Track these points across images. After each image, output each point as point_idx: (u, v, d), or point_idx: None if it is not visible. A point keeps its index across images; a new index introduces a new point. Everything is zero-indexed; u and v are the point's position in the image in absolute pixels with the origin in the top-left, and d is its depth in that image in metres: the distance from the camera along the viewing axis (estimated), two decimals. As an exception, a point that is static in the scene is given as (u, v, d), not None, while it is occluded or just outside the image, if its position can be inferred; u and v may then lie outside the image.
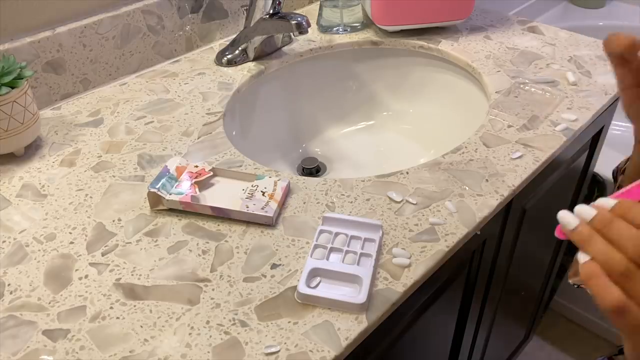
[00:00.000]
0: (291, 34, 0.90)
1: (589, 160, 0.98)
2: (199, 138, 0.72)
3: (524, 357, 1.39)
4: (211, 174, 0.63)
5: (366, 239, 0.55)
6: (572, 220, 0.36)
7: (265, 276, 0.53)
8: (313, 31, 0.97)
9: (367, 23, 0.99)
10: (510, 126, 0.72)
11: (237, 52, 0.88)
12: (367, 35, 0.96)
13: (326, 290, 0.51)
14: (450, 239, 0.56)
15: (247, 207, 0.58)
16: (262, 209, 0.58)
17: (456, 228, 0.57)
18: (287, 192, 0.62)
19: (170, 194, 0.59)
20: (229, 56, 0.88)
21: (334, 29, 0.97)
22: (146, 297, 0.51)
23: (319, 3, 1.00)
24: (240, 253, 0.55)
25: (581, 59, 0.87)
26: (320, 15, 0.98)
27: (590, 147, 0.95)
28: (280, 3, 0.82)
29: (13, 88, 0.64)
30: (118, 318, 0.49)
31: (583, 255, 0.36)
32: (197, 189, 0.60)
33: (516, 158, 0.67)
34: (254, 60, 0.89)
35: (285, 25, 0.80)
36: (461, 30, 0.96)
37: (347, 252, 0.54)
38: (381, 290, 0.51)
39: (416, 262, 0.54)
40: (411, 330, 0.64)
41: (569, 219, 0.37)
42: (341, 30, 0.97)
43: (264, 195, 0.60)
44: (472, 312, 0.82)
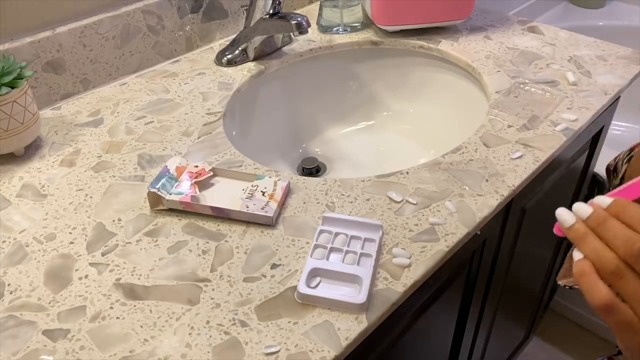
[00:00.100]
0: (291, 34, 0.90)
1: (589, 160, 0.98)
2: (199, 138, 0.72)
3: (524, 357, 1.39)
4: (211, 174, 0.63)
5: (366, 239, 0.55)
6: (569, 218, 0.38)
7: (265, 276, 0.53)
8: (313, 31, 0.97)
9: (367, 23, 0.99)
10: (510, 126, 0.72)
11: (237, 52, 0.88)
12: (367, 35, 0.96)
13: (326, 290, 0.51)
14: (450, 239, 0.56)
15: (247, 207, 0.58)
16: (262, 209, 0.58)
17: (456, 228, 0.57)
18: (287, 192, 0.62)
19: (170, 194, 0.59)
20: (229, 56, 0.88)
21: (334, 29, 0.97)
22: (146, 297, 0.51)
23: (319, 3, 1.00)
24: (240, 253, 0.55)
25: (581, 59, 0.87)
26: (320, 15, 0.98)
27: (590, 147, 0.95)
28: (280, 3, 0.82)
29: (13, 88, 0.64)
30: (118, 318, 0.49)
31: (577, 253, 0.37)
32: (197, 189, 0.60)
33: (516, 158, 0.67)
34: (254, 60, 0.89)
35: (285, 25, 0.80)
36: (461, 30, 0.96)
37: (347, 252, 0.54)
38: (381, 290, 0.51)
39: (416, 262, 0.54)
40: (411, 330, 0.64)
41: (566, 216, 0.38)
42: (341, 30, 0.97)
43: (264, 195, 0.60)
44: (472, 312, 0.82)
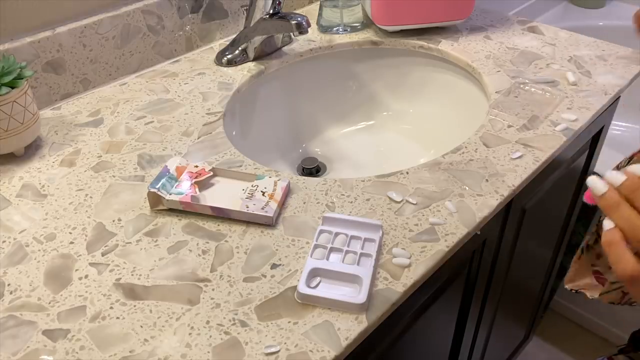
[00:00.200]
0: (291, 34, 0.90)
1: (589, 160, 0.98)
2: (199, 138, 0.72)
3: (524, 357, 1.39)
4: (211, 174, 0.63)
5: (366, 239, 0.55)
6: (602, 186, 0.36)
7: (265, 276, 0.53)
8: (313, 31, 0.97)
9: (367, 23, 0.99)
10: (510, 126, 0.72)
11: (237, 52, 0.88)
12: (367, 35, 0.96)
13: (326, 290, 0.51)
14: (450, 239, 0.56)
15: (247, 207, 0.58)
16: (262, 209, 0.58)
17: (456, 228, 0.57)
18: (287, 192, 0.62)
19: (170, 194, 0.59)
20: (229, 56, 0.88)
21: (334, 29, 0.97)
22: (146, 297, 0.51)
23: (319, 3, 1.00)
24: (240, 253, 0.55)
25: (581, 59, 0.87)
26: (320, 15, 0.98)
27: (590, 147, 0.95)
28: (280, 3, 0.82)
29: (13, 88, 0.64)
30: (118, 318, 0.49)
31: (608, 222, 0.36)
32: (197, 189, 0.60)
33: (516, 158, 0.67)
34: (254, 60, 0.89)
35: (285, 25, 0.80)
36: (461, 30, 0.96)
37: (347, 252, 0.54)
38: (381, 290, 0.51)
39: (416, 262, 0.54)
40: (411, 330, 0.64)
41: (598, 184, 0.36)
42: (341, 30, 0.97)
43: (264, 195, 0.60)
44: (472, 312, 0.82)
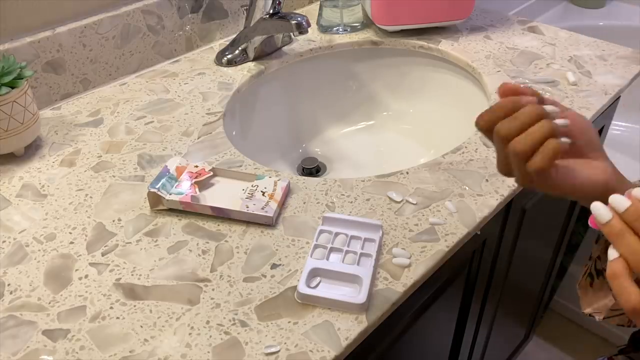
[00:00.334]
0: (291, 34, 0.90)
1: (589, 160, 0.98)
2: (199, 138, 0.72)
3: (524, 357, 1.39)
4: (211, 174, 0.63)
5: (366, 239, 0.55)
6: (605, 213, 0.35)
7: (265, 276, 0.53)
8: (313, 31, 0.97)
9: (367, 23, 0.99)
10: (510, 126, 0.72)
11: (237, 52, 0.88)
12: (367, 35, 0.96)
13: (326, 290, 0.51)
14: (450, 239, 0.56)
15: (247, 207, 0.58)
16: (262, 209, 0.58)
17: (456, 228, 0.57)
18: (287, 192, 0.62)
19: (170, 194, 0.59)
20: (229, 56, 0.88)
21: (334, 29, 0.97)
22: (146, 297, 0.51)
23: (319, 3, 1.00)
24: (240, 253, 0.55)
25: (581, 59, 0.87)
26: (320, 15, 0.98)
27: (590, 147, 0.94)
28: (280, 3, 0.82)
29: (13, 88, 0.64)
30: (118, 318, 0.49)
31: (613, 252, 0.35)
32: (197, 189, 0.60)
33: (516, 158, 0.67)
34: (254, 60, 0.89)
35: (285, 25, 0.80)
36: (461, 30, 0.96)
37: (347, 252, 0.54)
38: (381, 290, 0.51)
39: (416, 262, 0.54)
40: (411, 330, 0.64)
41: (602, 211, 0.36)
42: (341, 30, 0.97)
43: (264, 195, 0.60)
44: (472, 312, 0.82)
